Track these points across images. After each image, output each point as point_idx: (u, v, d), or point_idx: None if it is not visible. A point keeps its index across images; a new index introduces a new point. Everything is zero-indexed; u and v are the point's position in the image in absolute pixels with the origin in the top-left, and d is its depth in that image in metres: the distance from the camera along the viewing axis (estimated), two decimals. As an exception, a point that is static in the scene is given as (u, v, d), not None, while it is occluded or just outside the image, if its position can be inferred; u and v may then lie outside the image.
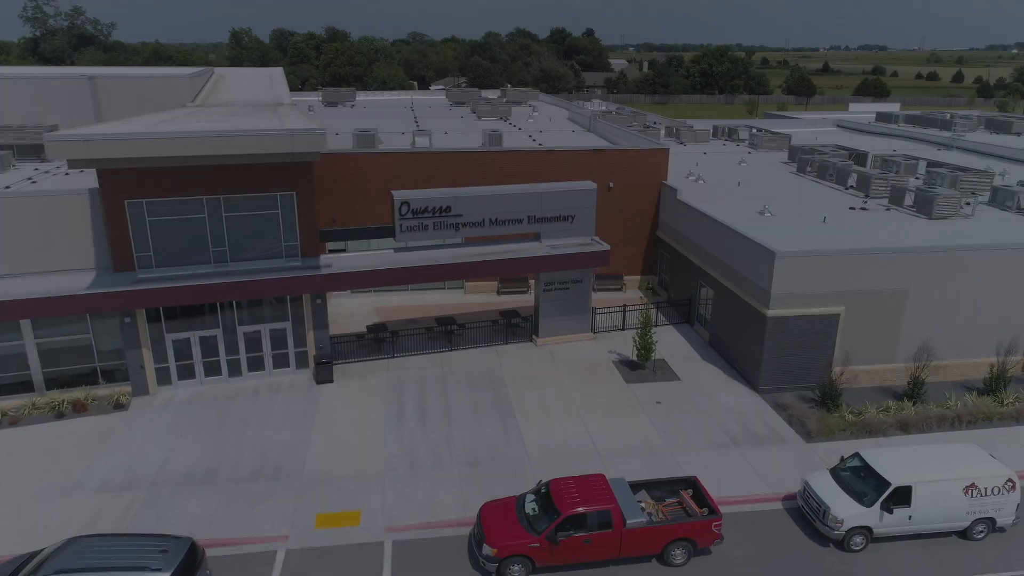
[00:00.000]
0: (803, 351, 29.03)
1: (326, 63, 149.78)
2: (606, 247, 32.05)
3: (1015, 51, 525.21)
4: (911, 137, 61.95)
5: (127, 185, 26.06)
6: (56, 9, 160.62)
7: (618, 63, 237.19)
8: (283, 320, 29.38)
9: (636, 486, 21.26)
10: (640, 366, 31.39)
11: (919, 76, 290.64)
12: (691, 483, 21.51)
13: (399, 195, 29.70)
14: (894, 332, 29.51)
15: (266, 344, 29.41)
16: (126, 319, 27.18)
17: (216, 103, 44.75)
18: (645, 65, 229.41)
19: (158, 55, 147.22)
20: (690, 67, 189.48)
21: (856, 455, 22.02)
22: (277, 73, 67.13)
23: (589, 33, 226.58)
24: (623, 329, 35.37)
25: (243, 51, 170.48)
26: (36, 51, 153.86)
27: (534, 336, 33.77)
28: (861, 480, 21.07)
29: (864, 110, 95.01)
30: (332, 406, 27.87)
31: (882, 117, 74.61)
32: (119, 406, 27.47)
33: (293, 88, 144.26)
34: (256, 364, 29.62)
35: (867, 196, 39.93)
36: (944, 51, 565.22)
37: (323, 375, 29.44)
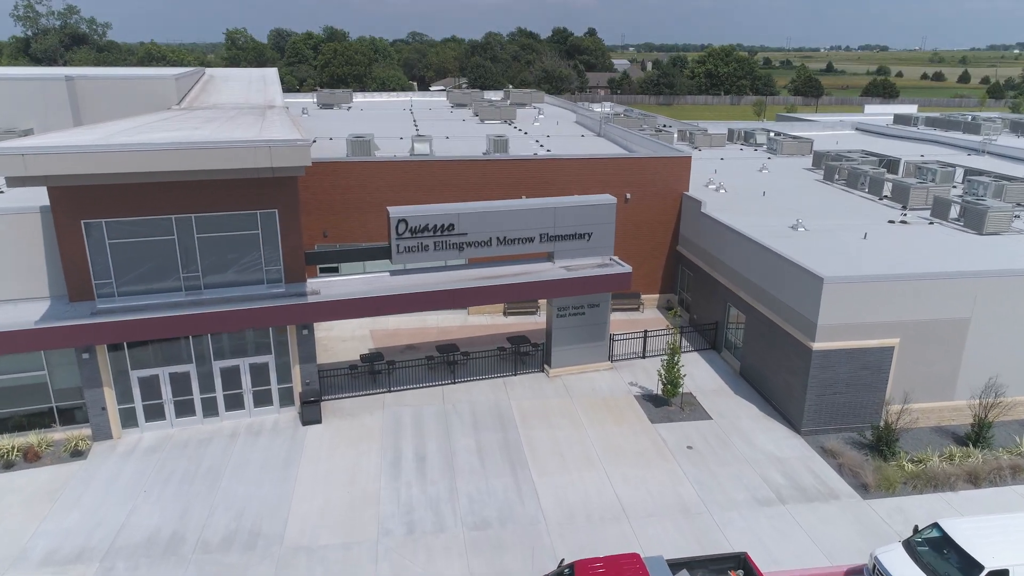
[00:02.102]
0: (852, 388, 25.72)
1: (324, 63, 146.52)
2: (627, 269, 28.72)
3: (1017, 51, 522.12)
4: (937, 141, 58.58)
5: (83, 203, 22.71)
6: (49, 8, 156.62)
7: (620, 64, 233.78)
8: (265, 353, 26.04)
9: (676, 565, 17.95)
10: (665, 402, 28.07)
11: (924, 76, 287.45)
12: (741, 561, 18.21)
13: (395, 212, 26.38)
14: (954, 366, 26.20)
15: (246, 380, 26.06)
16: (84, 354, 23.85)
17: (203, 106, 41.68)
18: (649, 65, 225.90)
19: (152, 55, 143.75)
20: (695, 67, 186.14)
21: (935, 526, 18.70)
22: (271, 74, 64.04)
23: (591, 33, 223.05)
24: (644, 357, 32.04)
25: (239, 51, 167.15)
26: (27, 51, 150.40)
27: (546, 366, 30.44)
28: (944, 560, 17.74)
29: (880, 112, 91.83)
30: (319, 453, 24.52)
31: (900, 119, 71.24)
32: (77, 453, 24.13)
33: (291, 89, 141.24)
34: (235, 402, 26.29)
35: (906, 208, 36.67)
36: (946, 51, 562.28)
37: (310, 415, 26.10)
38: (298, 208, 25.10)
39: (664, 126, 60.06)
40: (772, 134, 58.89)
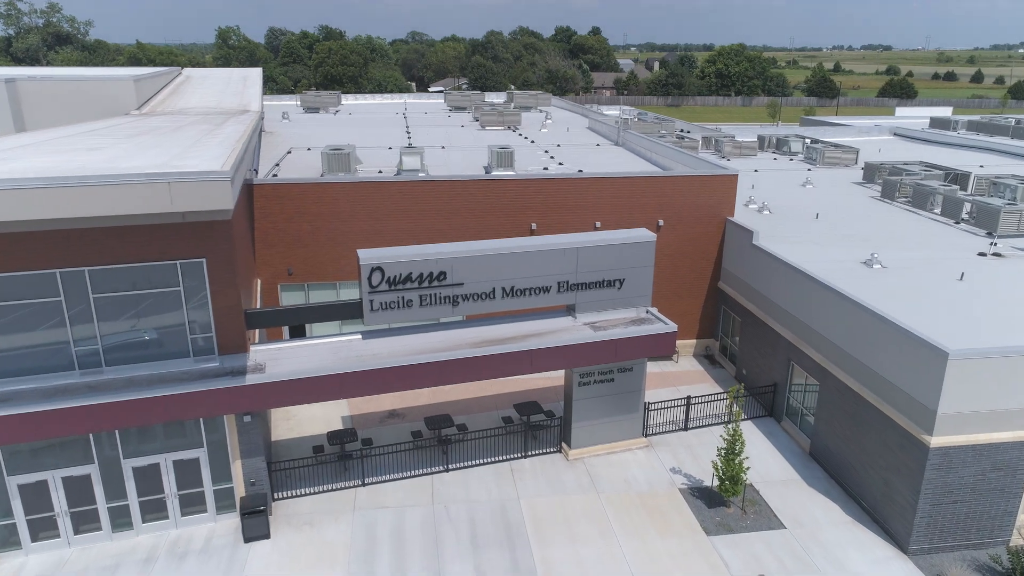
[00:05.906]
0: (976, 495, 19.28)
1: (318, 63, 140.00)
2: (671, 327, 22.26)
3: (1022, 51, 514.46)
4: (988, 148, 51.93)
5: (-74, 256, 16.33)
6: (31, 6, 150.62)
7: (624, 63, 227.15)
8: (194, 445, 19.61)
9: None
10: (722, 500, 21.63)
11: (936, 76, 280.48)
12: None
13: (368, 258, 19.94)
14: (1110, 463, 19.77)
15: (169, 482, 19.63)
16: (-62, 460, 17.47)
17: (166, 111, 35.47)
18: (656, 65, 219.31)
19: (138, 56, 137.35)
20: (705, 67, 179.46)
21: None
22: (253, 74, 57.89)
23: (596, 32, 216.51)
24: (686, 428, 25.63)
25: (231, 51, 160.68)
26: (8, 51, 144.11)
27: (564, 444, 24.01)
28: None
29: (913, 115, 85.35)
30: (262, 590, 18.09)
31: (937, 123, 64.99)
32: (-69, 592, 17.77)
33: (285, 90, 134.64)
34: (155, 508, 19.84)
35: (994, 235, 30.28)
36: (951, 51, 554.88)
37: (254, 530, 19.59)
38: (235, 256, 18.65)
39: (683, 131, 53.64)
40: (808, 141, 52.45)
